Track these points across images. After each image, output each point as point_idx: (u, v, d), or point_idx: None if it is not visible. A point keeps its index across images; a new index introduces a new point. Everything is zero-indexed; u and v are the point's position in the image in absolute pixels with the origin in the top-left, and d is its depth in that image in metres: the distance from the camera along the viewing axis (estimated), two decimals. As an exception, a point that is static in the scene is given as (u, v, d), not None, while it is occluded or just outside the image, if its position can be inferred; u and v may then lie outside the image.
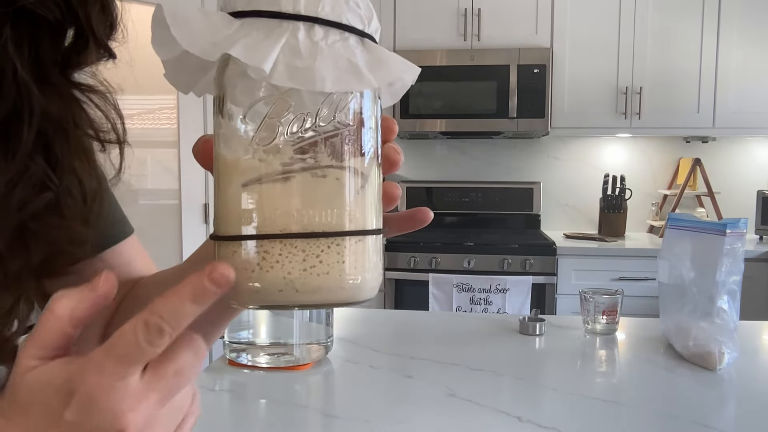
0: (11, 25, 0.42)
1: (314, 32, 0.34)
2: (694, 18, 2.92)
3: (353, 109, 0.35)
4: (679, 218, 1.21)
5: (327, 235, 0.34)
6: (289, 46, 0.33)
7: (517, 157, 3.36)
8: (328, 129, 0.34)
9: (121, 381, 0.33)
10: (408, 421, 0.90)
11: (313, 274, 0.34)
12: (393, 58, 0.36)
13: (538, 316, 1.33)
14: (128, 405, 0.33)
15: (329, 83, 0.33)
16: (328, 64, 0.33)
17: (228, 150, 0.35)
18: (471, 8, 3.00)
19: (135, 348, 0.33)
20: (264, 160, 0.34)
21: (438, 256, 2.78)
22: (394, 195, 0.39)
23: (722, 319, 1.09)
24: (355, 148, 0.35)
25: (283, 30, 0.33)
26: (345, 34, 0.35)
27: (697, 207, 3.20)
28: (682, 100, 2.96)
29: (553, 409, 0.96)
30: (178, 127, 2.84)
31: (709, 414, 0.94)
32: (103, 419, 0.32)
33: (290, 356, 1.09)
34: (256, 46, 0.32)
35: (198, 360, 0.35)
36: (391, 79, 0.35)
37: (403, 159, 0.40)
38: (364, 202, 0.35)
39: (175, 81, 0.39)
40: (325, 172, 0.34)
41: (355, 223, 0.35)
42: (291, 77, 0.32)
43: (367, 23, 0.36)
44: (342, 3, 0.34)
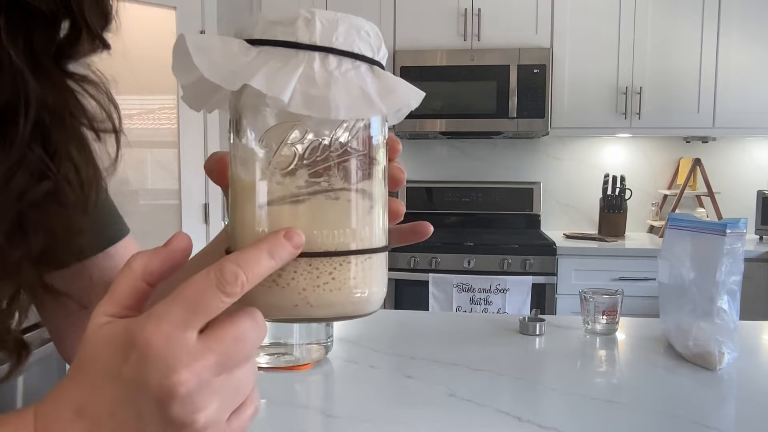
0: (5, 15, 0.43)
1: (328, 62, 0.35)
2: (694, 18, 2.92)
3: (364, 134, 0.37)
4: (679, 218, 1.21)
5: (339, 254, 0.36)
6: (305, 76, 0.35)
7: (517, 157, 3.36)
8: (341, 153, 0.36)
9: (181, 333, 0.32)
10: (408, 421, 0.90)
11: (327, 290, 0.36)
12: (401, 85, 0.38)
13: (538, 316, 1.33)
14: (183, 361, 0.32)
15: (343, 111, 0.34)
16: (341, 92, 0.35)
17: (245, 172, 0.36)
18: (471, 8, 3.00)
19: (204, 293, 0.32)
20: (281, 183, 0.36)
21: (438, 256, 2.78)
22: (398, 211, 0.41)
23: (722, 319, 1.09)
24: (365, 170, 0.37)
25: (299, 60, 0.35)
26: (356, 63, 0.36)
27: (697, 207, 3.20)
28: (682, 100, 2.96)
29: (553, 409, 0.96)
30: (178, 127, 2.84)
31: (709, 414, 0.94)
32: (156, 372, 0.31)
33: (290, 356, 1.09)
34: (274, 75, 0.34)
35: (258, 332, 0.34)
36: (399, 106, 0.37)
37: (405, 169, 0.42)
38: (372, 222, 0.37)
39: (191, 102, 0.41)
40: (338, 194, 0.36)
41: (365, 242, 0.37)
42: (307, 105, 0.34)
43: (377, 51, 0.38)
44: (354, 33, 0.36)
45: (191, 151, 2.89)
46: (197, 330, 0.32)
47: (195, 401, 0.32)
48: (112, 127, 0.55)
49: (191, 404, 0.32)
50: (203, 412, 0.32)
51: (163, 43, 2.80)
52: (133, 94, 2.85)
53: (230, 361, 0.33)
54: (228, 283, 0.32)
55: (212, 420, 0.33)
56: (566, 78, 2.99)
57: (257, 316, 0.34)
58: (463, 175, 3.37)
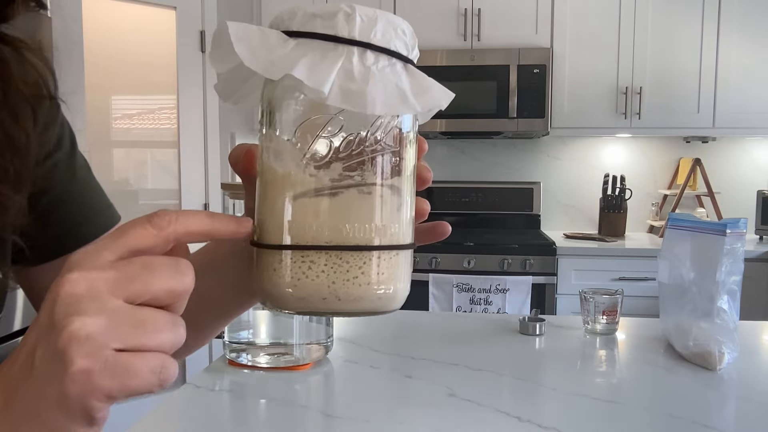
0: None
1: (366, 57, 0.36)
2: (694, 18, 2.92)
3: (397, 130, 0.37)
4: (679, 218, 1.21)
5: (371, 248, 0.36)
6: (344, 70, 0.35)
7: (517, 157, 3.36)
8: (375, 149, 0.36)
9: (97, 251, 0.31)
10: (408, 421, 0.90)
11: (356, 284, 0.36)
12: (433, 85, 0.38)
13: (538, 316, 1.33)
14: (82, 266, 0.31)
15: (379, 106, 0.34)
16: (378, 88, 0.35)
17: (278, 163, 0.36)
18: (471, 8, 3.00)
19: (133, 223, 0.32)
20: (314, 175, 0.36)
21: (438, 256, 2.78)
22: (424, 210, 0.42)
23: (722, 319, 1.09)
24: (396, 166, 0.37)
25: (338, 54, 0.35)
26: (392, 60, 0.37)
27: (697, 207, 3.20)
28: (682, 100, 2.96)
29: (553, 409, 0.96)
30: (178, 127, 2.84)
31: (709, 414, 0.94)
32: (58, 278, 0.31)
33: (290, 356, 1.09)
34: (315, 67, 0.34)
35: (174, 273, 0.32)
36: (432, 106, 0.38)
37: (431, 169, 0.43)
38: (401, 218, 0.38)
39: (223, 91, 0.41)
40: (371, 189, 0.36)
41: (393, 238, 0.37)
42: (345, 99, 0.34)
43: (411, 49, 0.38)
44: (391, 30, 0.37)
45: (191, 151, 2.89)
46: (116, 254, 0.31)
47: (78, 305, 0.30)
48: (47, 93, 0.53)
49: (72, 306, 0.30)
50: (82, 319, 0.29)
51: (163, 43, 2.80)
52: (133, 94, 2.85)
53: (133, 286, 0.31)
54: (156, 215, 0.32)
55: (92, 335, 0.29)
56: (566, 78, 2.99)
57: (179, 262, 0.33)
58: (463, 175, 3.37)
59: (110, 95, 2.72)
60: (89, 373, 0.29)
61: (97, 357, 0.29)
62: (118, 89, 2.76)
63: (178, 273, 0.32)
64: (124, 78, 2.68)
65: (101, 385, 0.30)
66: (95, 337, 0.29)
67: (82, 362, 0.29)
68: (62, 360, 0.29)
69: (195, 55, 2.84)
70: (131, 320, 0.31)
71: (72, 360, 0.29)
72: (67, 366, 0.29)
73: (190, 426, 0.90)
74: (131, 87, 2.79)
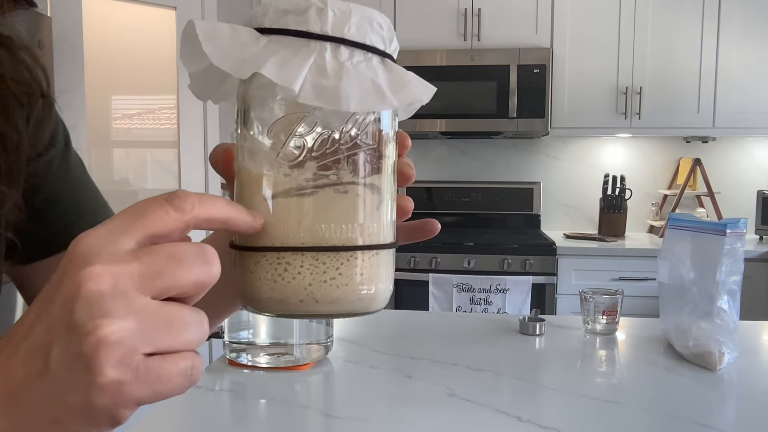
0: None
1: (340, 53, 0.35)
2: (694, 18, 2.92)
3: (374, 127, 0.36)
4: (679, 218, 1.21)
5: (347, 249, 0.35)
6: (317, 66, 0.34)
7: (517, 157, 3.36)
8: (351, 146, 0.35)
9: (114, 236, 0.28)
10: (408, 421, 0.90)
11: (333, 285, 0.35)
12: (413, 79, 0.37)
13: (538, 316, 1.33)
14: (103, 258, 0.28)
15: (354, 103, 0.33)
16: (353, 84, 0.34)
17: (253, 163, 0.36)
18: (471, 8, 3.00)
19: (151, 203, 0.30)
20: (289, 175, 0.35)
21: (438, 256, 2.78)
22: (407, 208, 0.40)
23: (722, 319, 1.09)
24: (374, 164, 0.36)
25: (310, 50, 0.34)
26: (368, 55, 0.36)
27: (697, 207, 3.20)
28: (682, 100, 2.96)
29: (553, 409, 0.96)
30: (178, 127, 2.84)
31: (709, 414, 0.94)
32: (73, 266, 0.28)
33: (290, 356, 1.09)
34: (285, 65, 0.33)
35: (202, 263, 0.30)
36: (411, 101, 0.36)
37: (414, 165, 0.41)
38: (381, 217, 0.37)
39: (198, 91, 0.40)
40: (347, 188, 0.35)
41: (372, 237, 0.36)
42: (318, 96, 0.33)
43: (389, 43, 0.37)
44: (366, 24, 0.36)
45: (191, 151, 2.89)
46: (135, 239, 0.29)
47: (103, 305, 0.27)
48: (39, 91, 0.52)
49: (98, 307, 0.27)
50: (110, 322, 0.27)
51: (163, 43, 2.80)
52: (133, 94, 2.85)
53: (161, 281, 0.28)
54: (177, 197, 0.30)
55: (122, 340, 0.27)
56: (566, 78, 2.99)
57: (207, 250, 0.30)
58: (463, 175, 3.37)
59: (110, 95, 2.72)
60: (121, 384, 0.27)
61: (128, 365, 0.27)
62: (118, 89, 2.76)
63: (206, 263, 0.30)
64: (124, 78, 2.68)
65: (136, 394, 0.28)
66: (125, 343, 0.27)
67: (112, 372, 0.27)
68: (89, 368, 0.27)
69: (195, 55, 2.83)
70: (160, 320, 0.28)
71: (101, 369, 0.27)
72: (95, 376, 0.27)
73: (190, 426, 0.90)
74: (131, 87, 2.79)
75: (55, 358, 0.28)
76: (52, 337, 0.28)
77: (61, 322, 0.28)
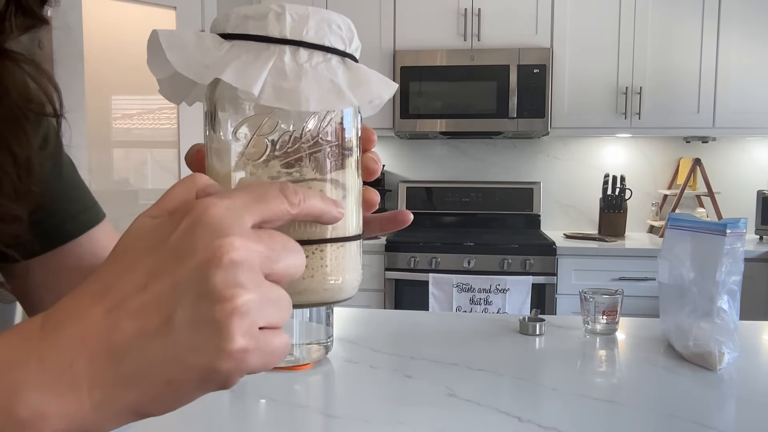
0: None
1: (299, 55, 0.36)
2: (694, 18, 2.92)
3: (335, 125, 0.37)
4: (679, 218, 1.21)
5: (311, 242, 0.37)
6: (276, 69, 0.35)
7: (517, 157, 3.36)
8: (312, 144, 0.37)
9: (239, 212, 0.30)
10: (408, 421, 0.90)
11: (300, 277, 0.36)
12: (373, 77, 0.38)
13: (538, 316, 1.33)
14: (236, 231, 0.29)
15: (313, 103, 0.35)
16: (312, 85, 0.35)
17: (220, 163, 0.37)
18: (471, 8, 3.00)
19: (269, 190, 0.31)
20: (254, 173, 0.36)
21: (438, 256, 2.78)
22: (373, 201, 0.42)
23: (722, 319, 1.09)
24: (336, 161, 0.38)
25: (270, 53, 0.36)
26: (328, 56, 0.37)
27: (697, 207, 3.20)
28: (682, 100, 2.96)
29: (553, 409, 0.96)
30: (178, 127, 2.84)
31: (709, 414, 0.94)
32: (208, 233, 0.29)
33: (290, 356, 1.09)
34: (245, 69, 0.35)
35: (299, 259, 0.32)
36: (370, 98, 0.37)
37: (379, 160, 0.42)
38: (345, 211, 0.38)
39: (169, 95, 0.41)
40: (310, 184, 0.37)
41: (337, 230, 0.37)
42: (278, 98, 0.35)
43: (348, 43, 0.38)
44: (325, 26, 0.37)
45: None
46: (254, 220, 0.30)
47: (239, 275, 0.29)
48: (52, 110, 0.52)
49: (234, 276, 0.28)
50: (245, 292, 0.28)
51: (163, 43, 2.79)
52: (133, 94, 2.85)
53: (276, 264, 0.30)
54: (290, 192, 0.32)
55: (252, 311, 0.29)
56: (566, 78, 2.99)
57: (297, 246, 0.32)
58: (463, 175, 3.37)
59: (110, 95, 2.72)
60: (246, 353, 0.29)
61: (252, 336, 0.29)
62: (118, 89, 2.76)
63: (301, 259, 0.32)
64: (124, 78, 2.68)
65: (253, 364, 0.29)
66: (252, 315, 0.29)
67: (242, 341, 0.28)
68: (221, 334, 0.28)
69: (195, 55, 2.83)
70: (273, 298, 0.30)
71: (233, 337, 0.28)
72: (225, 342, 0.28)
73: (190, 426, 0.90)
74: (131, 87, 2.79)
75: (181, 319, 0.29)
76: (177, 297, 0.29)
77: (193, 284, 0.29)
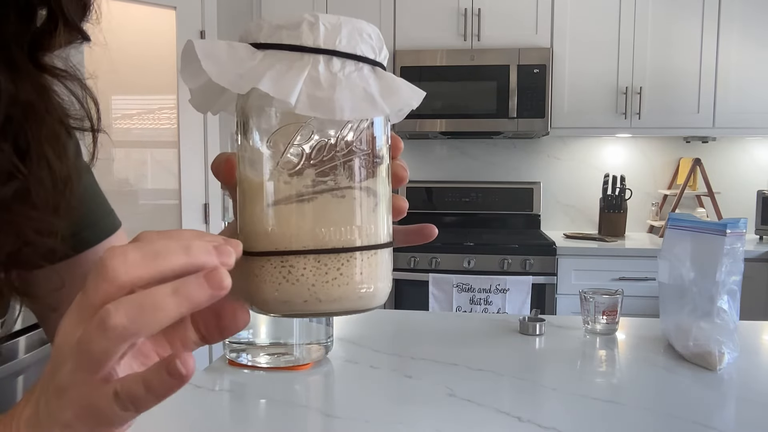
0: None
1: (332, 64, 0.37)
2: (694, 18, 2.92)
3: (368, 133, 0.38)
4: (679, 218, 1.21)
5: (347, 251, 0.37)
6: (311, 78, 0.36)
7: (517, 157, 3.36)
8: (347, 153, 0.37)
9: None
10: (408, 421, 0.90)
11: (335, 285, 0.37)
12: (402, 85, 0.39)
13: (538, 316, 1.33)
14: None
15: (347, 112, 0.35)
16: (345, 94, 0.36)
17: (254, 172, 0.37)
18: (471, 8, 3.00)
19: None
20: (288, 182, 0.37)
21: (438, 256, 2.78)
22: (401, 208, 0.42)
23: (722, 319, 1.09)
24: (369, 169, 0.38)
25: (304, 63, 0.36)
26: (359, 64, 0.37)
27: (697, 207, 3.20)
28: (682, 100, 2.96)
29: (553, 409, 0.96)
30: (178, 127, 2.84)
31: (709, 414, 0.94)
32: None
33: (290, 356, 1.09)
34: (281, 78, 0.35)
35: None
36: (401, 106, 0.38)
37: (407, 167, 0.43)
38: (377, 218, 0.39)
39: (198, 105, 0.41)
40: (344, 192, 0.37)
41: (370, 238, 0.38)
42: (313, 107, 0.35)
43: (378, 52, 0.39)
44: (356, 35, 0.37)
45: (191, 151, 2.88)
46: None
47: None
48: (90, 125, 0.52)
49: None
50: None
51: (163, 43, 2.80)
52: (133, 94, 2.85)
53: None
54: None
55: None
56: (566, 78, 2.99)
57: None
58: (463, 175, 3.37)
59: (110, 95, 2.72)
60: None
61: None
62: (118, 89, 2.76)
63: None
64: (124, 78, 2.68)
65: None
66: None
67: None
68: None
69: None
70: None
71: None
72: None
73: (190, 426, 0.90)
74: (131, 87, 2.79)
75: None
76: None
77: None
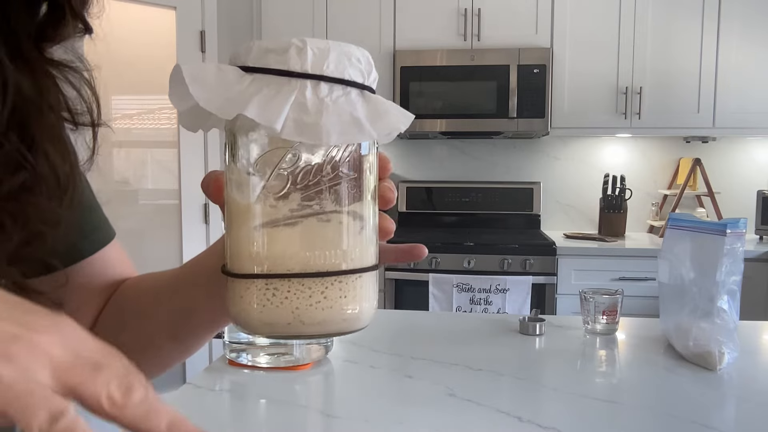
0: None
1: (320, 89, 0.36)
2: (694, 18, 2.92)
3: (355, 157, 0.38)
4: (679, 218, 1.21)
5: (331, 274, 0.37)
6: (298, 103, 0.35)
7: (517, 157, 3.36)
8: (333, 177, 0.37)
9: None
10: (408, 421, 0.90)
11: (318, 308, 0.37)
12: (391, 109, 0.38)
13: (538, 316, 1.33)
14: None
15: (334, 137, 0.35)
16: (333, 119, 0.35)
17: (240, 195, 0.37)
18: (471, 8, 3.00)
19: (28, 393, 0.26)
20: (274, 206, 0.37)
21: (438, 256, 2.78)
22: (388, 230, 0.42)
23: (722, 319, 1.09)
24: (355, 193, 0.38)
25: (291, 88, 0.36)
26: (347, 89, 0.37)
27: (697, 207, 3.20)
28: (682, 100, 2.96)
29: (553, 409, 0.96)
30: (178, 127, 2.84)
31: (709, 414, 0.94)
32: None
33: (290, 356, 1.09)
34: (267, 104, 0.35)
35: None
36: (389, 131, 0.38)
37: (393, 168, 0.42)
38: (363, 242, 0.39)
39: (188, 125, 0.41)
40: (329, 216, 0.37)
41: (355, 262, 0.38)
42: (300, 133, 0.35)
43: (367, 76, 0.38)
44: (345, 60, 0.37)
45: (191, 151, 2.88)
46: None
47: None
48: (90, 120, 0.52)
49: None
50: None
51: (163, 43, 2.80)
52: (133, 94, 2.85)
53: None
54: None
55: None
56: (566, 78, 2.99)
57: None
58: (463, 175, 3.37)
59: (110, 95, 2.72)
60: None
61: None
62: (118, 89, 2.76)
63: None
64: (124, 78, 2.68)
65: None
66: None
67: None
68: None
69: (195, 55, 2.83)
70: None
71: None
72: None
73: (190, 426, 0.90)
74: (131, 87, 2.79)
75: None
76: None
77: None
